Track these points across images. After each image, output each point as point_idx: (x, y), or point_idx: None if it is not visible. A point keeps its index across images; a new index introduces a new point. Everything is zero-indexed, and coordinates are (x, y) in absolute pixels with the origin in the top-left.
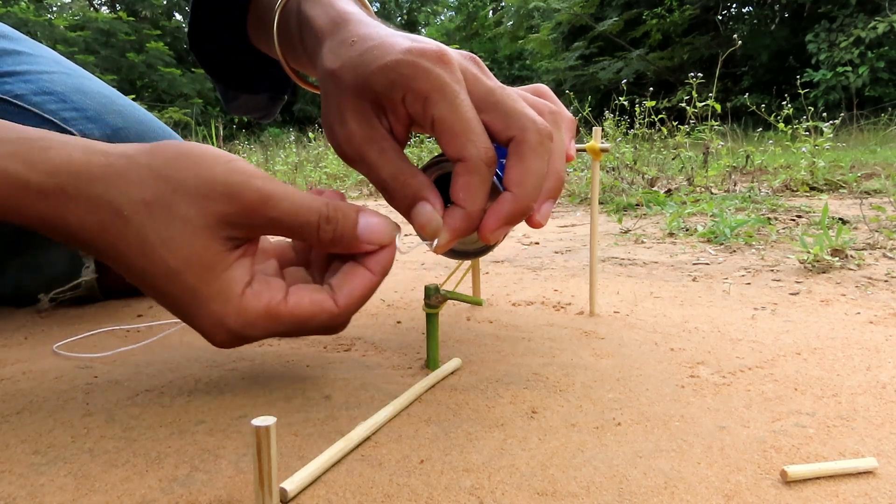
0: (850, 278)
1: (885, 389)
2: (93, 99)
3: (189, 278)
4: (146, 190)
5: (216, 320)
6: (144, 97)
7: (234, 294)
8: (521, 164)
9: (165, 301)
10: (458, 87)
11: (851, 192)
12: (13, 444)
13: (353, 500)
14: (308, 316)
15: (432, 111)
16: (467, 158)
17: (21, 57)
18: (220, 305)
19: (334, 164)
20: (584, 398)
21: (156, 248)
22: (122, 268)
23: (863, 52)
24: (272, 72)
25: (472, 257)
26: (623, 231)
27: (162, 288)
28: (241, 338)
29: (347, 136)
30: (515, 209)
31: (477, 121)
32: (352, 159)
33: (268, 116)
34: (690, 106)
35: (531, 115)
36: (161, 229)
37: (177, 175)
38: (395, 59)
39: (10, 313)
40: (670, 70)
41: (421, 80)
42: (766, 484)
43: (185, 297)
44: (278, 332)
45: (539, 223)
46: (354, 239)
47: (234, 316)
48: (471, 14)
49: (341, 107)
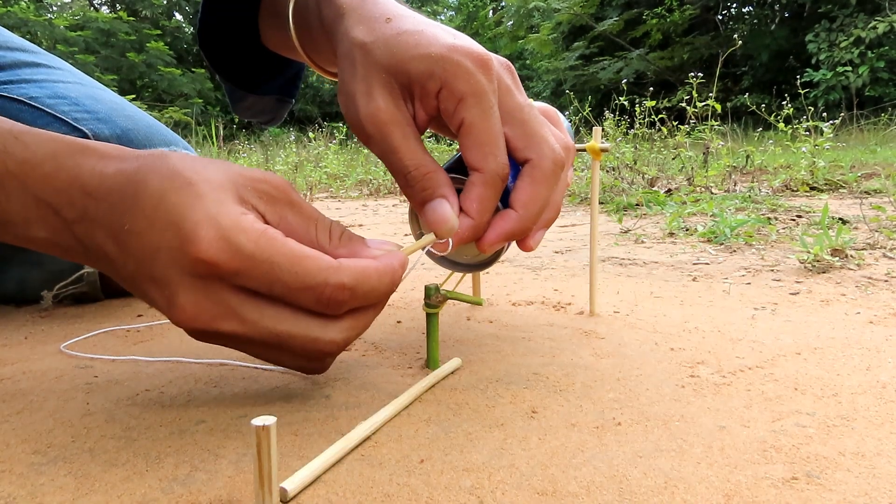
0: (850, 278)
1: (885, 389)
2: (104, 104)
3: (203, 187)
4: (199, 157)
5: (210, 216)
6: (144, 97)
7: (235, 209)
8: (532, 187)
9: (162, 216)
10: (493, 98)
11: (851, 192)
12: (13, 443)
13: (353, 500)
14: (305, 254)
15: (464, 114)
16: (486, 171)
17: (39, 68)
18: (218, 207)
19: (334, 164)
20: (584, 398)
21: (184, 171)
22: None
23: (863, 52)
24: (281, 74)
25: (469, 271)
26: (623, 231)
27: (166, 201)
28: (227, 241)
29: (372, 113)
30: (517, 228)
31: (502, 136)
32: (369, 137)
33: (274, 120)
34: (690, 106)
35: (551, 143)
36: (197, 165)
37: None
38: (439, 53)
39: (11, 312)
40: (670, 70)
41: (462, 80)
42: (766, 484)
43: (188, 201)
44: (267, 259)
45: (531, 247)
46: (364, 243)
47: (228, 217)
48: (471, 14)
49: (369, 80)
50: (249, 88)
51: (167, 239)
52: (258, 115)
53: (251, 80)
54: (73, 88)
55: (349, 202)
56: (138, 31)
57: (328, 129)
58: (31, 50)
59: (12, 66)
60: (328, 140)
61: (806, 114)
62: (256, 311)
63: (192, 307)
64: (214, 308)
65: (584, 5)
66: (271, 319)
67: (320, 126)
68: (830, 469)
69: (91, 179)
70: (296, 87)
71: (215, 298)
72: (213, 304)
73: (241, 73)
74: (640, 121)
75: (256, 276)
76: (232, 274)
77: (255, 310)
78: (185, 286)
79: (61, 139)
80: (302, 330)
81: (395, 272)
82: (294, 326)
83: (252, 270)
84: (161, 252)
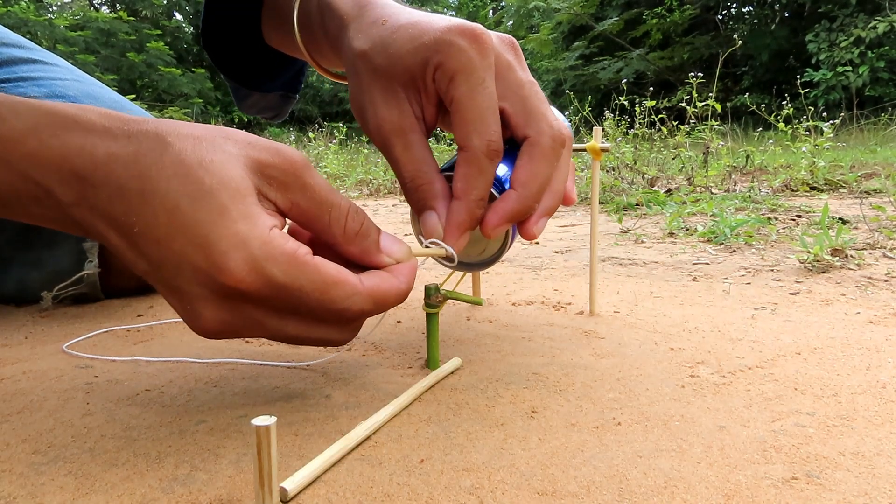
0: (850, 278)
1: (885, 389)
2: (103, 103)
3: (223, 197)
4: (197, 129)
5: (239, 240)
6: (144, 97)
7: (262, 223)
8: (531, 164)
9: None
10: (483, 74)
11: (851, 192)
12: (13, 443)
13: (353, 500)
14: (333, 280)
15: (453, 92)
16: (468, 148)
17: (36, 65)
18: (248, 227)
19: (334, 164)
20: (584, 398)
21: (193, 168)
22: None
23: (863, 52)
24: (284, 70)
25: (470, 269)
26: (623, 231)
27: (185, 213)
28: (259, 272)
29: (377, 124)
30: (517, 208)
31: (492, 112)
32: (379, 147)
33: (279, 116)
34: (690, 106)
35: (550, 120)
36: (202, 153)
37: (227, 129)
38: (432, 38)
39: (11, 312)
40: (670, 70)
41: (452, 58)
42: (766, 484)
43: (211, 217)
44: (297, 287)
45: (533, 234)
46: (377, 244)
47: (258, 241)
48: (471, 14)
49: (371, 90)
50: (253, 86)
51: (192, 258)
52: (263, 111)
53: (255, 77)
54: (72, 86)
55: None
56: (138, 31)
57: (328, 129)
58: (28, 46)
59: (8, 62)
60: (328, 140)
61: (806, 114)
62: (279, 322)
63: (217, 322)
64: (239, 322)
65: (584, 5)
66: (293, 328)
67: (320, 126)
68: (830, 469)
69: (81, 161)
70: (299, 82)
71: (240, 315)
72: (238, 319)
73: (245, 71)
74: (640, 121)
75: (284, 299)
76: (261, 300)
77: (278, 322)
78: (210, 302)
79: (41, 109)
80: (321, 334)
81: (409, 288)
82: (313, 332)
83: (281, 296)
84: (184, 268)
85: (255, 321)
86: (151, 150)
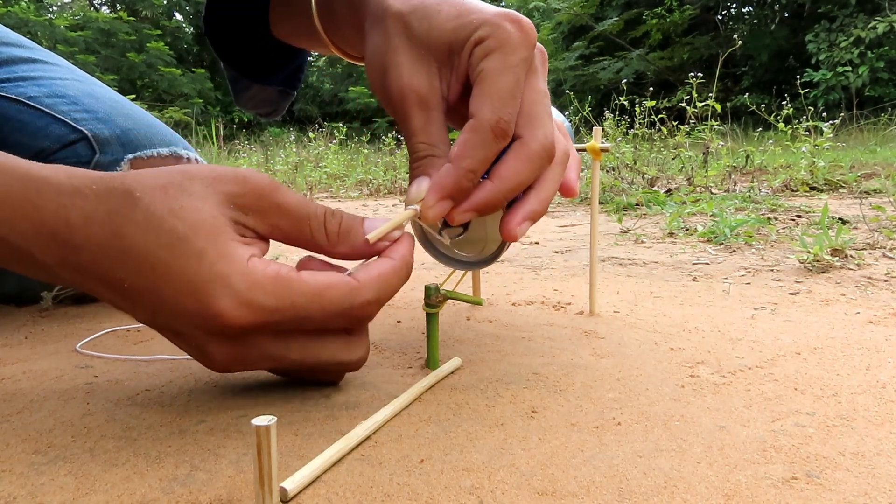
0: (850, 278)
1: (885, 389)
2: (103, 103)
3: (198, 241)
4: (161, 177)
5: (222, 279)
6: (144, 97)
7: (240, 257)
8: (514, 161)
9: (169, 281)
10: (520, 59)
11: (851, 192)
12: (13, 443)
13: (353, 500)
14: (324, 285)
15: (485, 64)
16: (477, 118)
17: (36, 65)
18: (226, 265)
19: (334, 164)
20: (584, 398)
21: (164, 218)
22: (123, 259)
23: (863, 52)
24: (286, 64)
25: (469, 268)
26: (623, 231)
27: (167, 264)
28: (248, 304)
29: (400, 88)
30: (488, 198)
31: (512, 95)
32: (394, 109)
33: (276, 113)
34: (690, 106)
35: (547, 131)
36: (171, 202)
37: (190, 168)
38: (481, 17)
39: (11, 312)
40: (670, 70)
41: (496, 37)
42: (765, 484)
43: (191, 263)
44: (290, 304)
45: (514, 235)
46: (360, 232)
47: (239, 275)
48: None
49: (400, 52)
50: (255, 77)
51: (184, 305)
52: (260, 105)
53: (256, 68)
54: (72, 86)
55: (349, 202)
56: (138, 31)
57: (328, 129)
58: (28, 46)
59: (9, 62)
60: (328, 140)
61: (806, 114)
62: (286, 347)
63: (225, 358)
64: (246, 354)
65: (584, 5)
66: (300, 350)
67: (320, 126)
68: (830, 469)
69: (58, 225)
70: (298, 79)
71: (246, 347)
72: (245, 351)
73: (247, 61)
74: (639, 121)
75: (284, 320)
76: (260, 327)
77: (285, 346)
78: (213, 341)
79: (14, 173)
80: (329, 356)
81: (408, 263)
82: (323, 352)
83: (278, 317)
84: (180, 314)
85: (262, 352)
86: (122, 206)
